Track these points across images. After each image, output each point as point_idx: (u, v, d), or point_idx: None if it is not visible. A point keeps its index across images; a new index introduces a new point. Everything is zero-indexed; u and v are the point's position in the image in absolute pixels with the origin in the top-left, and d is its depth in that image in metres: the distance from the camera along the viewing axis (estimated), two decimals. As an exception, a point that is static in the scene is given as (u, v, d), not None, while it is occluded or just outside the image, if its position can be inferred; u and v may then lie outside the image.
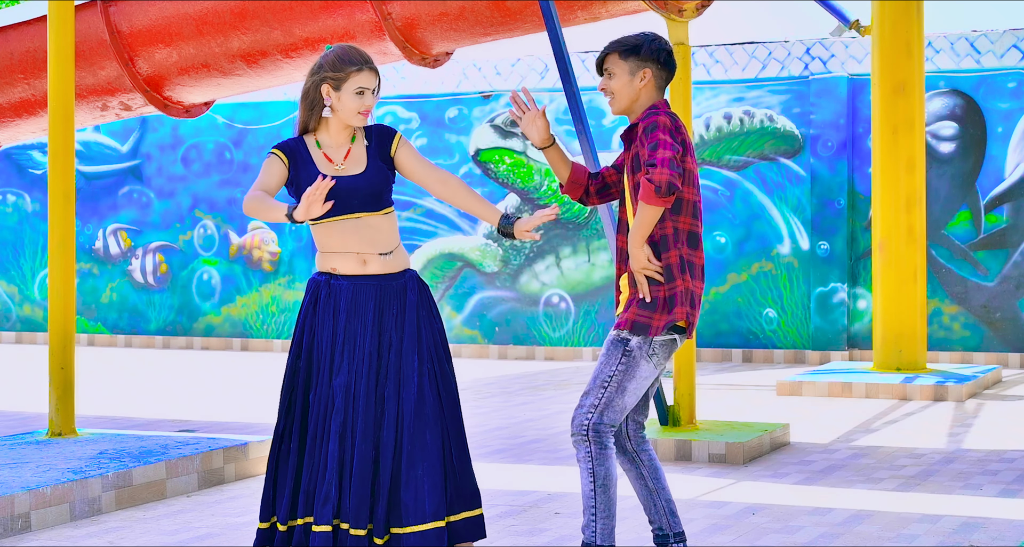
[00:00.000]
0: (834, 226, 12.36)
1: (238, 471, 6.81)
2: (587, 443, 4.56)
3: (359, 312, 4.65)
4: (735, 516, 5.85)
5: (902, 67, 10.55)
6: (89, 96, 8.57)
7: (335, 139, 4.72)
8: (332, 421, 4.59)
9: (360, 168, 4.69)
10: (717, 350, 12.73)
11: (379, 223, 4.70)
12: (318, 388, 4.64)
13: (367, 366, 4.61)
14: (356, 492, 4.54)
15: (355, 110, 4.63)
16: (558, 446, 7.87)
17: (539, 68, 13.42)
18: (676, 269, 4.58)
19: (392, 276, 4.70)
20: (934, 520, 5.77)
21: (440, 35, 7.78)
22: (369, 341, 4.62)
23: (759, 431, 7.57)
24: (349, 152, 4.70)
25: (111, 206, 15.07)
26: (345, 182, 4.64)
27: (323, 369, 4.64)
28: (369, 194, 4.66)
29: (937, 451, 7.58)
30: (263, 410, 9.59)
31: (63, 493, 5.83)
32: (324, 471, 4.59)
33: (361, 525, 4.55)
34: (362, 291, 4.67)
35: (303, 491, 4.62)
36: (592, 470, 4.56)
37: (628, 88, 4.70)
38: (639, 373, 4.59)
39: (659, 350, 4.60)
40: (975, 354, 12.00)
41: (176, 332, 14.76)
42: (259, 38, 8.04)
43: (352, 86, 4.62)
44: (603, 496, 4.57)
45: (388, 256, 4.69)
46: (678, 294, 4.57)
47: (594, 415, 4.57)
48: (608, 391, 4.58)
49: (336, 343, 4.64)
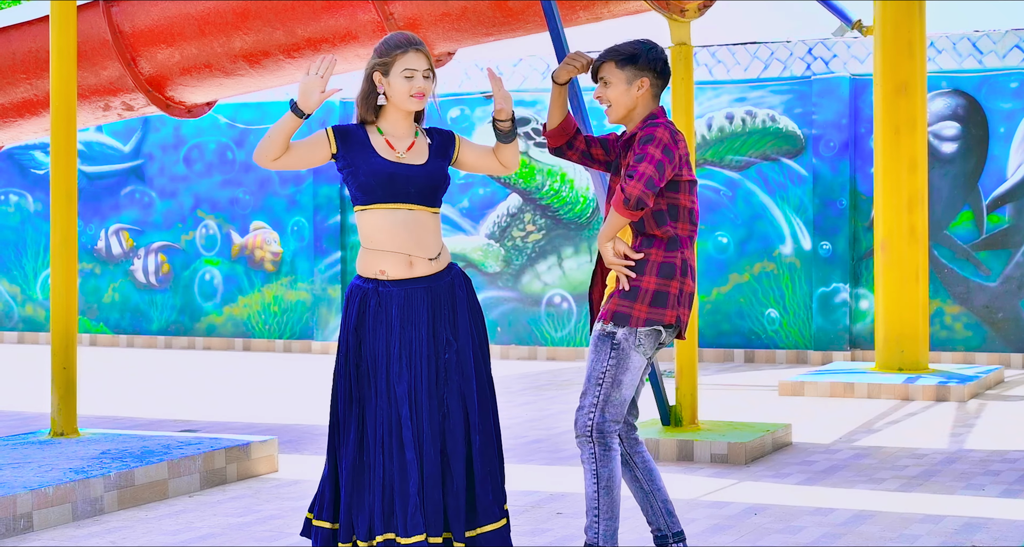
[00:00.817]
0: (836, 226, 12.36)
1: (240, 471, 6.82)
2: (591, 444, 4.58)
3: (413, 318, 4.55)
4: (737, 516, 5.85)
5: (904, 67, 10.54)
6: (91, 96, 8.57)
7: (397, 129, 4.65)
8: (405, 432, 4.48)
9: (421, 160, 4.63)
10: (719, 350, 12.73)
11: (428, 221, 4.62)
12: (378, 399, 4.52)
13: (427, 371, 4.53)
14: (431, 499, 4.48)
15: (406, 93, 4.56)
16: (560, 446, 7.87)
17: (541, 68, 13.42)
18: (678, 271, 4.61)
19: (439, 275, 4.63)
20: (936, 520, 5.77)
21: (442, 35, 7.79)
22: (427, 346, 4.54)
23: (761, 431, 7.57)
24: (413, 144, 4.64)
25: (113, 206, 15.08)
26: (405, 169, 4.58)
27: (380, 379, 4.52)
28: (427, 186, 4.59)
29: (939, 451, 7.58)
30: (265, 410, 9.59)
31: (65, 493, 5.83)
32: (406, 483, 4.47)
33: (436, 533, 4.48)
34: (414, 295, 4.57)
35: (379, 509, 4.48)
36: (596, 471, 4.57)
37: (625, 97, 4.70)
38: (631, 365, 4.61)
39: (645, 341, 4.62)
40: (977, 354, 11.99)
41: (178, 332, 14.77)
42: (261, 38, 8.04)
43: (399, 68, 4.55)
44: (606, 497, 4.58)
45: (435, 260, 4.63)
46: (671, 295, 4.59)
47: (595, 414, 4.58)
48: (604, 387, 4.59)
49: (392, 351, 4.53)
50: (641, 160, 4.51)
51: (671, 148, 4.57)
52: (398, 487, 4.47)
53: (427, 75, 4.59)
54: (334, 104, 13.98)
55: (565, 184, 13.27)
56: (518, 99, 13.43)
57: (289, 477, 6.90)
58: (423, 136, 4.71)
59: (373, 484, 4.50)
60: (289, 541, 5.49)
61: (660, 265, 4.60)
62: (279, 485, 6.69)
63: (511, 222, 13.39)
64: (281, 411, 9.54)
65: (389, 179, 4.56)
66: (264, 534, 5.64)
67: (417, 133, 4.69)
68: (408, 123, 4.67)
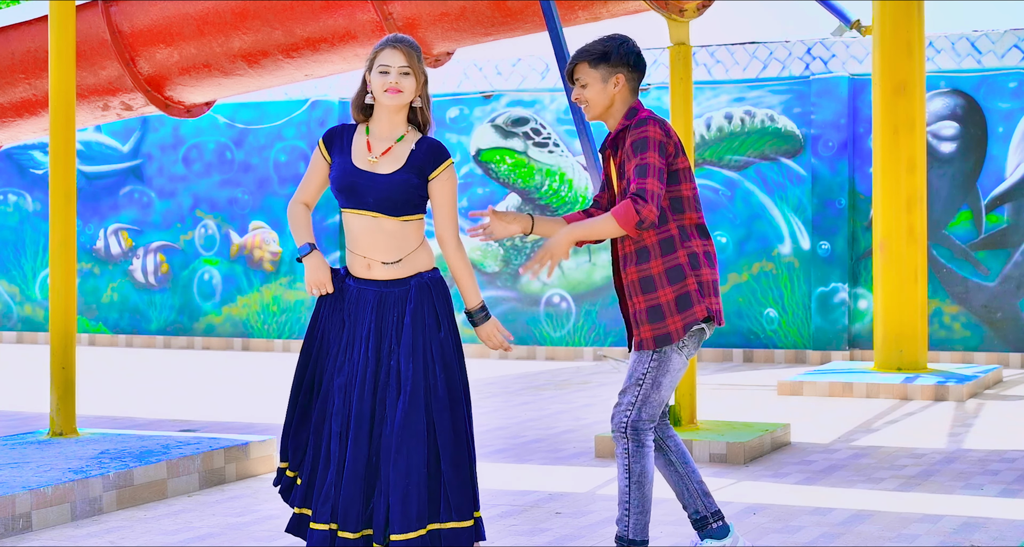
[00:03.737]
0: (835, 226, 12.36)
1: (239, 471, 6.81)
2: (625, 440, 4.66)
3: (359, 316, 4.64)
4: (736, 516, 5.85)
5: (903, 67, 10.55)
6: (90, 96, 8.57)
7: (382, 130, 4.68)
8: (333, 422, 4.60)
9: (391, 169, 4.63)
10: (718, 350, 12.73)
11: (394, 229, 4.63)
12: (324, 384, 4.66)
13: (363, 370, 4.58)
14: (345, 495, 4.52)
15: (380, 88, 4.60)
16: (559, 446, 7.87)
17: (540, 68, 13.42)
18: (687, 268, 4.62)
19: (395, 282, 4.64)
20: (935, 520, 5.77)
21: (441, 35, 7.79)
22: (368, 346, 4.60)
23: (760, 431, 7.57)
24: (390, 149, 4.64)
25: (112, 206, 15.07)
26: (367, 178, 4.61)
27: (328, 366, 4.66)
28: (385, 198, 4.59)
29: (938, 451, 7.58)
30: (264, 410, 9.59)
31: (64, 493, 5.83)
32: (327, 470, 4.59)
33: (349, 528, 4.52)
34: (363, 296, 4.65)
35: (304, 484, 4.64)
36: (628, 466, 4.66)
37: (602, 95, 4.71)
38: (672, 367, 4.68)
39: (689, 342, 4.70)
40: (976, 354, 12.00)
41: (177, 332, 14.77)
42: (260, 38, 8.04)
43: (376, 64, 4.62)
44: (638, 492, 4.66)
45: (393, 265, 4.63)
46: (691, 292, 4.62)
47: (632, 412, 4.66)
48: (644, 388, 4.66)
49: (341, 343, 4.64)
50: (645, 173, 4.50)
51: (665, 145, 4.58)
52: (319, 474, 4.60)
53: (405, 71, 4.60)
54: (333, 103, 13.97)
55: (564, 184, 13.27)
56: (517, 99, 13.43)
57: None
58: (408, 142, 4.67)
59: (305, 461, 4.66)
60: (288, 541, 5.48)
61: (665, 273, 4.62)
62: (278, 485, 6.68)
63: (510, 222, 13.38)
64: (280, 411, 9.54)
65: (349, 187, 4.63)
66: (263, 534, 5.64)
67: (400, 138, 4.66)
68: (393, 124, 4.66)
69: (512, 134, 13.44)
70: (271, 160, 14.37)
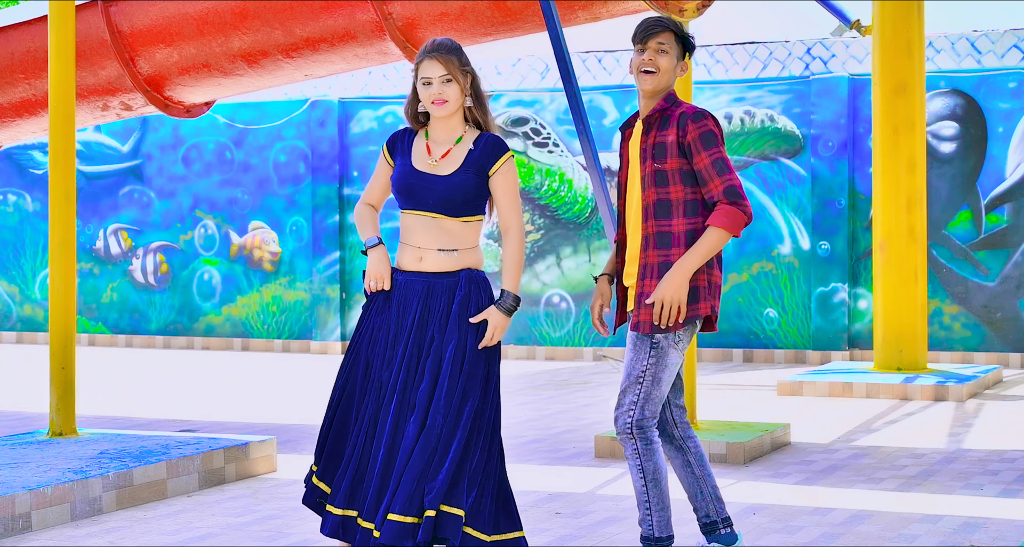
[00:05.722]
0: (835, 226, 12.37)
1: (239, 471, 6.82)
2: (633, 440, 4.67)
3: (406, 308, 4.65)
4: (736, 516, 5.84)
5: (903, 67, 10.55)
6: (90, 96, 8.57)
7: (439, 134, 4.73)
8: (368, 408, 4.62)
9: (450, 170, 4.67)
10: (718, 350, 12.73)
11: (453, 227, 4.67)
12: (371, 379, 4.67)
13: (406, 363, 4.60)
14: (375, 486, 4.53)
15: (427, 100, 4.67)
16: (558, 446, 7.87)
17: (540, 68, 13.42)
18: (704, 264, 4.64)
19: (445, 274, 4.66)
20: (935, 520, 5.77)
21: (441, 35, 7.78)
22: (412, 335, 4.62)
23: (760, 431, 7.57)
24: (449, 152, 4.69)
25: (112, 206, 15.07)
26: (427, 180, 4.65)
27: (375, 361, 4.66)
28: (445, 199, 4.63)
29: (938, 451, 7.59)
30: (264, 410, 9.59)
31: (64, 493, 5.83)
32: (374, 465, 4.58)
33: (370, 518, 4.52)
34: (410, 286, 4.67)
35: (348, 482, 4.60)
36: (641, 466, 4.68)
37: (670, 72, 4.78)
38: (670, 362, 4.70)
39: (684, 337, 4.72)
40: (976, 354, 12.00)
41: (177, 332, 14.77)
42: (260, 38, 8.04)
43: (419, 77, 4.68)
44: (655, 489, 4.69)
45: (447, 254, 4.65)
46: (701, 288, 4.64)
47: (636, 411, 4.67)
48: (644, 385, 4.67)
49: (389, 338, 4.66)
50: (725, 168, 4.60)
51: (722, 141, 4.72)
52: (367, 469, 4.59)
53: (446, 80, 4.64)
54: (333, 103, 13.97)
55: (564, 184, 13.28)
56: (517, 99, 13.43)
57: (288, 477, 6.90)
58: (467, 142, 4.71)
59: (351, 459, 4.62)
60: (288, 541, 5.49)
61: None
62: (278, 485, 6.69)
63: (510, 222, 13.37)
64: (280, 411, 9.54)
65: (409, 189, 4.68)
66: (263, 534, 5.64)
67: (459, 139, 4.71)
68: (449, 128, 4.71)
69: (512, 134, 13.44)
70: (271, 160, 14.37)
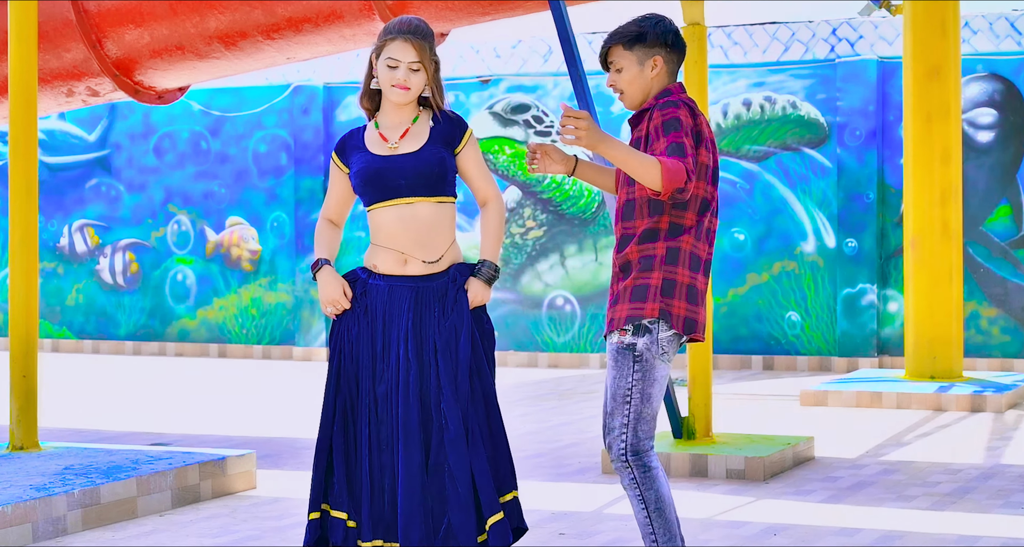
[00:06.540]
0: (862, 222, 12.38)
1: (215, 488, 6.82)
2: (629, 468, 4.51)
3: (393, 316, 4.64)
4: (755, 537, 5.86)
5: (936, 49, 10.56)
6: (53, 81, 8.57)
7: (392, 118, 4.72)
8: (380, 432, 4.60)
9: (416, 146, 4.67)
10: (735, 357, 12.74)
11: (430, 215, 4.67)
12: (361, 396, 4.64)
13: (406, 374, 4.58)
14: (404, 509, 4.51)
15: (388, 83, 4.63)
16: (562, 461, 7.88)
17: (542, 50, 13.44)
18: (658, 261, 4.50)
19: (432, 277, 4.67)
20: (971, 541, 5.78)
21: (434, 15, 7.78)
22: (408, 347, 4.60)
23: (781, 445, 7.58)
24: (407, 131, 4.69)
25: (77, 200, 15.09)
26: (394, 162, 4.65)
27: (364, 377, 4.64)
28: (419, 175, 4.63)
29: (974, 466, 7.60)
30: (242, 422, 9.60)
31: (25, 512, 5.83)
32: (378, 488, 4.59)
33: (412, 541, 4.50)
34: (398, 293, 4.65)
35: (369, 515, 4.59)
36: (641, 496, 4.51)
37: (639, 80, 4.61)
38: (657, 375, 4.54)
39: (668, 347, 4.56)
40: (1015, 361, 12.01)
41: (148, 337, 14.78)
42: (238, 18, 8.04)
43: (385, 56, 4.63)
44: (659, 519, 4.52)
45: (433, 264, 4.67)
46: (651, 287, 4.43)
47: (628, 435, 4.51)
48: (633, 405, 4.51)
49: (376, 349, 4.63)
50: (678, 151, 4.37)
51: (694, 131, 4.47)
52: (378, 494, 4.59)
53: (415, 68, 4.62)
54: (318, 88, 13.99)
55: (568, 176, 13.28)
56: (517, 84, 13.45)
57: (268, 494, 6.90)
58: (424, 120, 4.73)
59: (364, 485, 4.61)
60: (268, 564, 5.49)
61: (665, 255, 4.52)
62: (257, 503, 6.70)
63: (510, 218, 13.40)
64: (260, 423, 9.55)
65: (376, 176, 4.64)
66: (241, 556, 5.65)
67: (416, 118, 4.71)
68: (402, 112, 4.71)
69: (512, 122, 13.46)
70: (250, 151, 14.39)
